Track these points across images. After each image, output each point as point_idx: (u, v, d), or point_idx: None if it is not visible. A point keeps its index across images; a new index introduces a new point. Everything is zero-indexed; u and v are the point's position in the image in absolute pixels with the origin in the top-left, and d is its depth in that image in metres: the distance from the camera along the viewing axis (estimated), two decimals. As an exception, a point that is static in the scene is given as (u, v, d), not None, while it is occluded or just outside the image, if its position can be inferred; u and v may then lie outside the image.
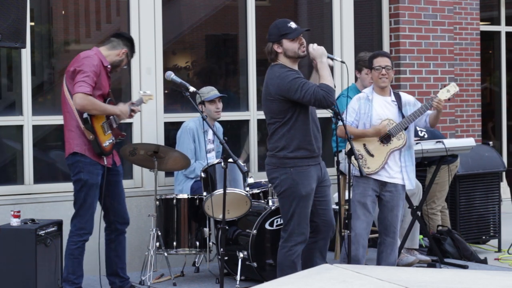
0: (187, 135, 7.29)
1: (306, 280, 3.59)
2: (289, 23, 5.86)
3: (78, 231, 6.20)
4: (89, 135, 6.13)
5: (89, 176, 6.15)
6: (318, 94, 5.68)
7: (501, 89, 11.09)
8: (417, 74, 8.91)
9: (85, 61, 6.13)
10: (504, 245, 8.20)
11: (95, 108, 6.11)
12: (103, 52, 6.31)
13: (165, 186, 7.66)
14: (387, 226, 6.47)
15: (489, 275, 3.70)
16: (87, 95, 6.04)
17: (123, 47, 6.37)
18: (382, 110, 6.44)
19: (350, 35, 8.68)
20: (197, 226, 7.04)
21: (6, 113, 7.35)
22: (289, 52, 5.85)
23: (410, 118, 6.42)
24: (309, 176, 5.85)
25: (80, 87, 6.04)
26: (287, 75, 5.77)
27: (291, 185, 5.82)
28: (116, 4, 8.04)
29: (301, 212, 5.84)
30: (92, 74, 6.08)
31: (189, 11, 8.60)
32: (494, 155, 8.42)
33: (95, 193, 6.20)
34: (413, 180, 6.50)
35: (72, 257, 6.20)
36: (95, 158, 6.18)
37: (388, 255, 6.49)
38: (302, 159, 5.83)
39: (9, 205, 6.87)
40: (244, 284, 6.69)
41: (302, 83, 5.72)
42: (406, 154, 6.48)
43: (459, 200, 8.13)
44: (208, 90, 7.40)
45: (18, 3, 5.33)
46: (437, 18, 9.05)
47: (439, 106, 6.42)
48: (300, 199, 5.82)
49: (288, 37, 5.82)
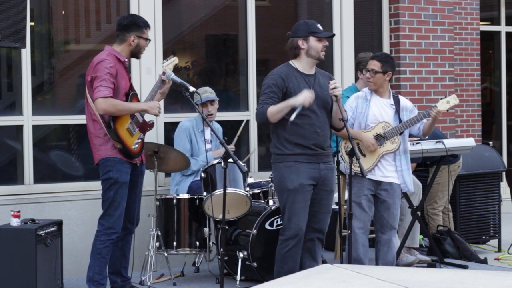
0: (183, 134, 7.29)
1: (306, 280, 3.59)
2: (318, 24, 5.99)
3: (106, 230, 6.16)
4: (117, 144, 6.08)
5: (119, 175, 6.11)
6: (258, 111, 5.89)
7: (501, 89, 11.09)
8: (417, 74, 8.91)
9: (98, 66, 6.05)
10: (504, 245, 8.20)
11: (118, 109, 6.05)
12: (116, 49, 6.21)
13: (165, 186, 7.66)
14: (383, 225, 6.47)
15: (489, 275, 3.70)
16: (106, 98, 5.97)
17: (130, 34, 6.21)
18: (379, 111, 6.43)
19: (350, 35, 8.68)
20: (197, 226, 7.04)
21: (6, 113, 7.35)
22: (312, 50, 5.92)
23: (406, 123, 6.42)
24: (297, 172, 5.91)
25: (98, 92, 5.98)
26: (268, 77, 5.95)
27: (280, 180, 5.98)
28: (116, 4, 8.04)
29: (290, 207, 5.94)
30: (107, 77, 6.00)
31: (189, 11, 8.60)
32: (494, 155, 8.42)
33: (124, 192, 6.16)
34: (409, 184, 6.51)
35: (100, 256, 6.16)
36: (124, 157, 6.15)
37: (385, 253, 6.49)
38: (292, 155, 5.93)
39: (9, 205, 6.87)
40: (244, 284, 6.69)
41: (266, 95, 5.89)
42: (402, 158, 6.47)
43: (459, 200, 8.12)
44: (202, 92, 7.28)
45: (18, 3, 5.34)
46: (437, 18, 9.05)
47: (436, 116, 6.44)
48: (289, 194, 5.92)
49: (316, 35, 5.91)
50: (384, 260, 6.49)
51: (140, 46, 6.27)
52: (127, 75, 6.26)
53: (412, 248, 7.58)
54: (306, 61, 5.94)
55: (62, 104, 7.88)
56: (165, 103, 7.78)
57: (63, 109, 7.74)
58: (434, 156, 7.40)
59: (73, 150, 7.77)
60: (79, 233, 7.23)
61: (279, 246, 6.05)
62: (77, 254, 7.15)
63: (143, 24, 6.27)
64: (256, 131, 8.17)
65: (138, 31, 6.23)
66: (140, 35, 6.24)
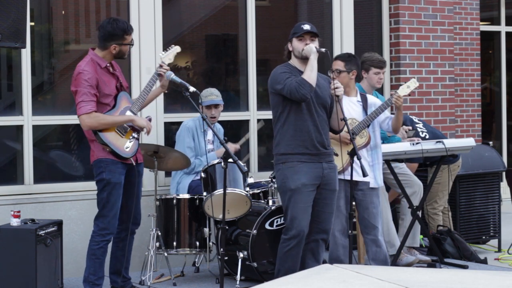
0: (187, 133, 7.28)
1: (306, 280, 3.59)
2: (303, 24, 6.05)
3: (100, 231, 6.17)
4: (106, 148, 6.11)
5: (111, 176, 6.11)
6: (291, 86, 5.84)
7: (501, 89, 11.09)
8: (417, 74, 8.90)
9: (78, 78, 6.05)
10: (504, 245, 8.20)
11: (102, 123, 6.06)
12: (99, 54, 6.20)
13: (165, 186, 7.66)
14: (366, 225, 6.54)
15: (489, 275, 3.70)
16: (89, 114, 6.00)
17: (110, 44, 6.17)
18: (346, 109, 6.46)
19: (350, 35, 8.68)
20: (197, 226, 7.04)
21: (6, 113, 7.35)
22: (295, 51, 6.04)
23: (371, 115, 6.51)
24: (299, 172, 5.93)
25: (80, 109, 6.02)
26: (279, 70, 5.99)
27: (282, 180, 6.00)
28: (116, 4, 8.04)
29: (293, 207, 5.95)
30: (87, 90, 6.00)
31: (189, 11, 8.60)
32: (494, 155, 8.42)
33: (118, 193, 6.16)
34: (379, 179, 6.57)
35: (94, 257, 6.17)
36: (117, 158, 6.15)
37: (374, 252, 6.52)
38: (294, 155, 5.95)
39: (9, 205, 6.87)
40: (244, 284, 6.69)
41: (286, 77, 5.91)
42: (373, 153, 6.57)
43: (459, 200, 8.12)
44: (208, 94, 7.33)
45: (18, 3, 5.34)
46: (437, 18, 9.05)
47: (398, 102, 6.48)
48: (291, 194, 5.94)
49: (295, 35, 6.02)
50: (376, 259, 6.52)
51: (123, 52, 6.25)
52: (112, 77, 6.23)
53: (412, 248, 7.58)
54: (296, 61, 6.05)
55: (62, 104, 7.87)
56: (165, 103, 7.79)
57: (63, 109, 7.73)
58: (434, 156, 7.40)
59: (73, 150, 7.77)
60: (79, 233, 7.23)
61: (281, 245, 6.08)
62: (77, 254, 7.14)
63: (122, 33, 6.18)
64: (256, 131, 8.17)
65: (118, 40, 6.18)
66: (121, 42, 6.19)
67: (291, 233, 5.99)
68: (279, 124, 6.00)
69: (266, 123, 8.24)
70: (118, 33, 6.18)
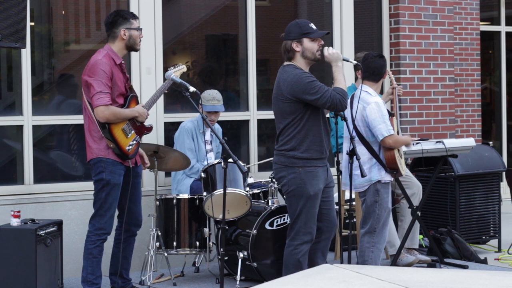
0: (187, 134, 7.28)
1: (306, 280, 3.59)
2: (310, 24, 5.90)
3: (96, 231, 6.18)
4: (110, 144, 6.09)
5: (111, 176, 6.11)
6: (335, 98, 5.72)
7: (501, 89, 11.09)
8: (417, 74, 8.90)
9: (94, 68, 6.03)
10: (504, 245, 8.20)
11: (117, 117, 6.07)
12: (113, 48, 6.19)
13: (165, 186, 7.66)
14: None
15: (489, 275, 3.70)
16: (107, 106, 5.99)
17: (119, 29, 6.18)
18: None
19: (350, 35, 8.68)
20: (197, 226, 7.04)
21: (6, 113, 7.35)
22: (307, 52, 5.85)
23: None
24: (317, 177, 5.86)
25: (98, 100, 5.98)
26: (302, 77, 5.76)
27: (299, 184, 5.83)
28: (116, 4, 8.04)
29: (308, 211, 5.86)
30: (104, 80, 5.99)
31: (189, 11, 8.60)
32: (494, 155, 8.41)
33: (116, 194, 6.16)
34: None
35: (91, 256, 6.17)
36: (117, 159, 6.15)
37: None
38: (311, 160, 5.84)
39: (9, 205, 6.88)
40: (244, 284, 6.69)
41: (318, 86, 5.75)
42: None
43: (459, 200, 8.12)
44: (209, 97, 7.30)
45: (18, 3, 5.34)
46: (437, 18, 9.05)
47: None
48: (308, 199, 5.84)
49: (310, 36, 5.83)
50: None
51: (134, 37, 6.22)
52: (123, 76, 6.23)
53: (412, 248, 7.57)
54: (303, 62, 5.88)
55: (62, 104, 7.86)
56: (165, 103, 7.78)
57: (63, 109, 7.73)
58: (434, 156, 7.40)
59: (73, 150, 7.77)
60: (79, 233, 7.23)
61: (291, 251, 5.90)
62: (77, 254, 7.13)
63: (128, 16, 6.25)
64: (256, 131, 8.17)
65: (125, 23, 6.20)
66: (129, 26, 6.21)
67: (304, 238, 5.87)
68: (296, 129, 5.82)
69: (266, 123, 8.25)
70: (125, 16, 6.22)
